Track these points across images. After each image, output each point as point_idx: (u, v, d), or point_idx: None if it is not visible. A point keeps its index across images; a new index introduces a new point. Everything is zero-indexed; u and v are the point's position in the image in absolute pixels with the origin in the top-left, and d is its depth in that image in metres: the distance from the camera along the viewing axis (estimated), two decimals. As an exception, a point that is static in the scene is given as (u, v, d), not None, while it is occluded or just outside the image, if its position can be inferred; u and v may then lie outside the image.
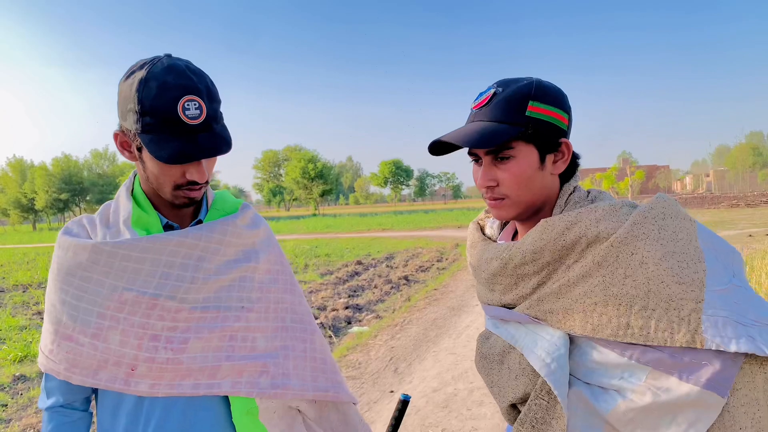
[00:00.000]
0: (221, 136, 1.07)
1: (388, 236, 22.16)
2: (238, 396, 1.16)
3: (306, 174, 73.48)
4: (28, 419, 4.03)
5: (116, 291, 1.09)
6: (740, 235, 15.15)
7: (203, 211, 1.26)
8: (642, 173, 42.59)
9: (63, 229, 1.21)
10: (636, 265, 0.87)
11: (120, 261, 1.09)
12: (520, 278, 1.00)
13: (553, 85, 1.02)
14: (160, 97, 1.01)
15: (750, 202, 35.91)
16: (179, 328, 1.11)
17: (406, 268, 11.40)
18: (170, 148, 1.02)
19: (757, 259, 8.09)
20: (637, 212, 0.91)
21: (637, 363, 0.86)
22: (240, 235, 1.22)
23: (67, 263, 1.12)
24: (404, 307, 7.58)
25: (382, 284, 9.39)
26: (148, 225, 1.17)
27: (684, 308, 0.84)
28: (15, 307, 8.70)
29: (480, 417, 3.67)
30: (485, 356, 1.09)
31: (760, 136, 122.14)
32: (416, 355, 5.28)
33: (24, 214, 77.01)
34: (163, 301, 1.10)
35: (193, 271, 1.13)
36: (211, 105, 1.06)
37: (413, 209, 77.30)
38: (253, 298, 1.21)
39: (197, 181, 1.10)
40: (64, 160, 75.76)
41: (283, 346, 1.25)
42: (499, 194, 1.01)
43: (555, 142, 1.00)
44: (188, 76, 1.04)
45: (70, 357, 1.10)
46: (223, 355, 1.14)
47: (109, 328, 1.08)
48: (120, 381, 1.09)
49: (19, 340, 6.31)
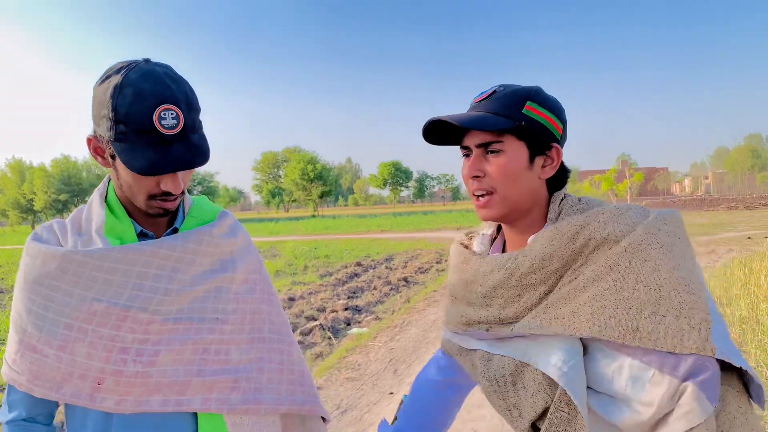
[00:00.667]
0: (198, 146, 1.03)
1: (388, 238, 22.15)
2: (208, 412, 1.12)
3: (305, 175, 73.49)
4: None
5: (85, 302, 1.05)
6: (739, 237, 15.16)
7: (179, 218, 1.21)
8: (641, 175, 42.66)
9: (32, 234, 1.16)
10: (649, 271, 0.87)
11: (90, 271, 1.05)
12: (525, 289, 0.99)
13: (552, 96, 1.05)
14: (135, 105, 0.97)
15: (749, 204, 35.93)
16: (150, 341, 1.07)
17: (405, 270, 11.39)
18: (144, 158, 0.98)
19: (756, 262, 8.09)
20: (653, 221, 0.92)
21: (641, 363, 0.86)
22: (217, 244, 1.18)
23: (35, 271, 1.08)
24: (404, 309, 7.59)
25: (381, 285, 9.39)
26: (122, 233, 1.13)
27: (695, 317, 0.84)
28: (14, 307, 8.68)
29: (479, 419, 3.66)
30: (496, 379, 1.05)
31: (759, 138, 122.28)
32: (416, 356, 5.27)
33: (23, 214, 76.87)
34: (134, 312, 1.06)
35: (167, 282, 1.09)
36: (189, 114, 1.01)
37: (412, 211, 77.28)
38: (229, 310, 1.18)
39: (172, 192, 1.06)
40: (63, 161, 75.68)
41: (258, 359, 1.21)
42: (486, 186, 1.02)
43: (546, 145, 1.02)
44: (166, 83, 1.00)
45: (34, 368, 1.06)
46: (194, 369, 1.10)
47: (76, 339, 1.04)
48: (85, 396, 1.05)
49: (18, 341, 6.29)
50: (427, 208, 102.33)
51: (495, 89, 1.04)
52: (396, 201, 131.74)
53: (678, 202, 39.69)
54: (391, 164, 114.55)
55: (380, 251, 15.73)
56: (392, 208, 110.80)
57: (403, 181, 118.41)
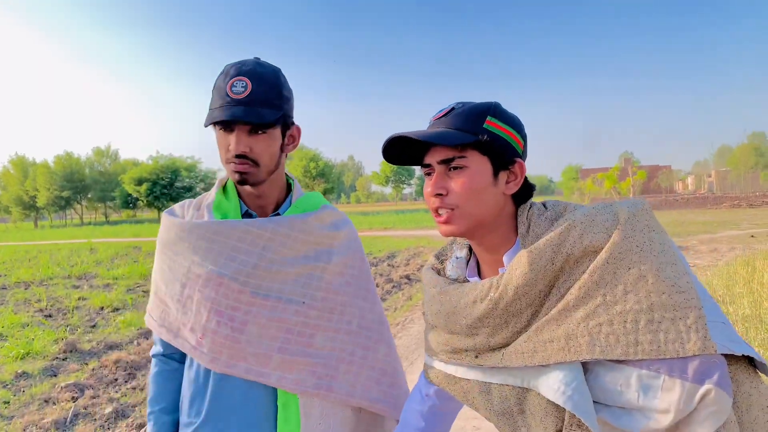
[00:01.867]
0: (258, 112, 1.16)
1: (390, 235, 22.14)
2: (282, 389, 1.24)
3: (307, 173, 73.40)
4: (31, 416, 4.04)
5: (194, 265, 1.23)
6: (742, 235, 15.12)
7: (285, 206, 1.34)
8: (644, 173, 42.57)
9: (168, 209, 1.38)
10: (635, 279, 0.86)
11: (197, 239, 1.23)
12: (512, 315, 0.97)
13: (511, 113, 1.04)
14: (221, 79, 1.20)
15: (752, 202, 35.82)
16: (241, 309, 1.21)
17: (407, 267, 11.39)
18: (211, 115, 1.17)
19: (759, 260, 8.08)
20: (626, 223, 0.90)
21: (649, 371, 0.85)
22: (311, 232, 1.29)
23: (163, 237, 1.31)
24: (406, 306, 7.60)
25: (383, 283, 9.42)
26: (227, 210, 1.29)
27: (689, 317, 0.83)
28: (17, 304, 8.71)
29: (481, 419, 3.66)
30: (503, 413, 1.02)
31: (762, 136, 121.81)
32: (418, 353, 5.28)
33: (26, 211, 76.98)
34: (228, 281, 1.20)
35: (257, 258, 1.22)
36: (259, 87, 1.17)
37: (415, 208, 77.22)
38: (318, 297, 1.27)
39: (235, 153, 1.18)
40: (66, 157, 75.68)
41: (341, 349, 1.29)
42: (448, 203, 1.00)
43: (509, 160, 1.00)
44: (250, 65, 1.20)
45: (162, 317, 1.30)
46: (276, 346, 1.22)
47: (188, 297, 1.23)
48: (189, 347, 1.24)
49: (21, 337, 6.31)
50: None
51: (453, 106, 1.03)
52: (398, 198, 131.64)
53: (681, 200, 39.57)
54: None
55: (382, 249, 15.72)
56: (394, 206, 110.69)
57: (406, 179, 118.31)
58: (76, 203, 79.03)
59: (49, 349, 5.82)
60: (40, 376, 5.00)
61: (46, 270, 12.78)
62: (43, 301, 8.84)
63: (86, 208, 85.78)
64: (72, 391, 4.50)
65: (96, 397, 4.41)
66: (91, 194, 79.63)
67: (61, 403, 4.31)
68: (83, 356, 5.60)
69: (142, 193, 65.31)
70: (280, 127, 1.25)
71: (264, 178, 1.24)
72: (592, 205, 0.97)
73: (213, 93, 1.21)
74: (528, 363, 0.95)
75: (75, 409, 4.14)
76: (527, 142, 1.06)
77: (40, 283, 11.12)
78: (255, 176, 1.22)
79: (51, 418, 3.97)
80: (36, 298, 9.15)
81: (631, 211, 0.92)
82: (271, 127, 1.21)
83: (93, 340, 6.22)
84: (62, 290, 9.94)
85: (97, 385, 4.67)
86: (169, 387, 1.35)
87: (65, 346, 5.74)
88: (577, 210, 0.98)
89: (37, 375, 5.04)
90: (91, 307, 8.21)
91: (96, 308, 8.14)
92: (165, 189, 65.92)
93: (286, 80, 1.26)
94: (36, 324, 7.15)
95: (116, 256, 16.49)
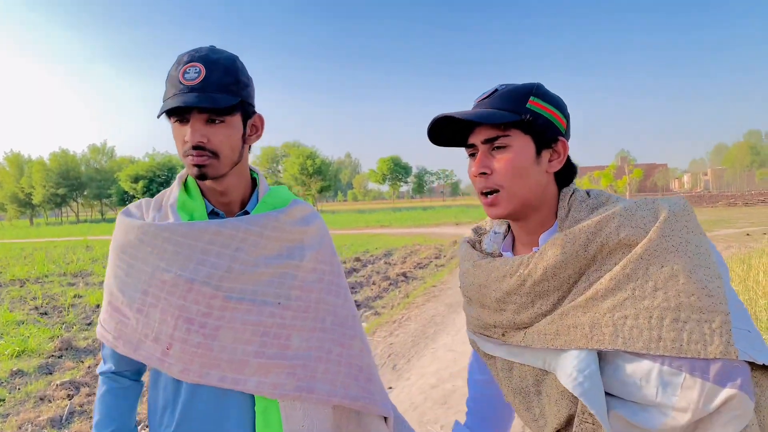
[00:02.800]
0: (211, 97, 1.09)
1: (387, 233, 22.15)
2: (261, 395, 1.18)
3: (304, 170, 73.30)
4: (26, 414, 4.02)
5: (158, 270, 1.15)
6: (738, 233, 15.18)
7: (252, 202, 1.28)
8: (640, 171, 42.66)
9: (124, 209, 1.29)
10: (666, 277, 0.87)
11: (162, 243, 1.15)
12: (538, 295, 0.98)
13: (555, 93, 1.05)
14: (173, 68, 1.13)
15: (748, 200, 35.96)
16: (213, 315, 1.14)
17: (404, 265, 11.40)
18: (164, 104, 1.11)
19: (755, 258, 8.10)
20: (665, 222, 0.90)
21: (670, 368, 0.85)
22: (283, 230, 1.24)
23: (120, 241, 1.21)
24: (402, 304, 7.59)
25: (380, 281, 9.42)
26: (193, 210, 1.22)
27: (715, 320, 0.83)
28: (12, 301, 8.67)
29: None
30: (520, 391, 1.05)
31: (758, 134, 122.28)
32: (415, 351, 5.28)
33: (21, 208, 76.71)
34: (198, 285, 1.13)
35: (230, 260, 1.16)
36: (213, 73, 1.11)
37: (411, 206, 77.29)
38: (292, 296, 1.22)
39: (192, 144, 1.12)
40: (62, 154, 75.42)
41: (317, 348, 1.24)
42: (492, 183, 1.01)
43: (552, 138, 1.01)
44: (204, 52, 1.14)
45: (119, 328, 1.19)
46: (252, 350, 1.16)
47: (151, 305, 1.15)
48: (156, 359, 1.15)
49: (17, 335, 6.29)
50: (426, 203, 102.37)
51: (497, 88, 1.04)
52: (395, 196, 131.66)
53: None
54: (390, 159, 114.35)
55: (379, 246, 15.73)
56: (391, 204, 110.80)
57: (403, 177, 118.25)
58: (71, 201, 78.81)
59: (45, 346, 5.80)
60: (35, 374, 4.98)
61: (41, 267, 12.76)
62: (39, 298, 8.81)
63: (82, 206, 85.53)
64: (68, 388, 4.48)
65: (92, 394, 4.39)
66: (87, 192, 79.37)
67: (56, 400, 4.29)
68: (79, 354, 5.59)
69: (138, 190, 65.16)
70: (240, 116, 1.18)
71: (225, 171, 1.17)
72: (634, 200, 0.98)
73: (166, 84, 1.14)
74: (549, 345, 0.96)
75: (71, 406, 4.12)
76: (570, 122, 1.07)
77: (36, 280, 11.09)
78: (215, 169, 1.15)
79: (47, 415, 3.96)
80: (31, 296, 9.12)
81: (672, 210, 0.92)
82: (229, 114, 1.14)
83: (89, 337, 6.20)
84: (58, 288, 9.92)
85: (92, 382, 4.65)
86: (119, 407, 1.25)
87: (61, 343, 5.72)
88: (618, 202, 0.98)
89: (32, 373, 5.03)
90: (86, 305, 8.19)
91: (92, 306, 8.12)
92: (161, 186, 65.65)
93: (243, 66, 1.19)
94: (31, 322, 7.12)
95: (112, 254, 16.42)
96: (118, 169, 73.75)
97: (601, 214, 0.95)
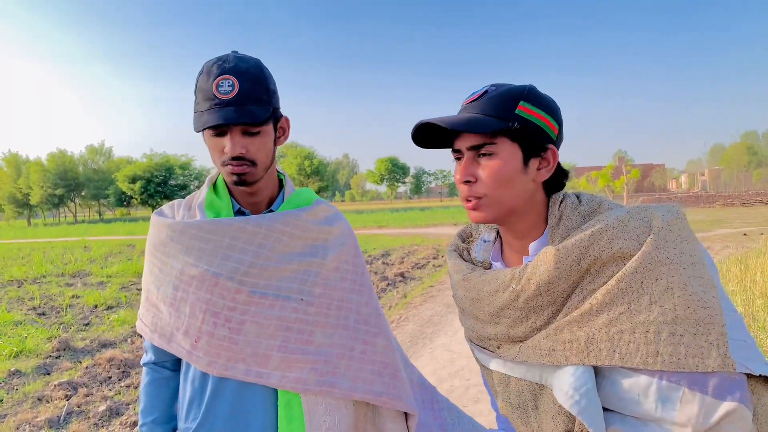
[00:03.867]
0: (249, 111, 1.14)
1: (384, 233, 22.14)
2: (283, 389, 1.21)
3: (302, 171, 73.24)
4: (24, 414, 4.02)
5: (187, 266, 1.20)
6: (735, 233, 15.21)
7: (278, 202, 1.32)
8: (637, 172, 42.60)
9: (157, 210, 1.35)
10: (661, 291, 0.85)
11: (189, 239, 1.21)
12: (532, 310, 0.96)
13: (547, 95, 1.00)
14: (203, 78, 1.16)
15: (745, 200, 36.03)
16: (238, 309, 1.19)
17: (402, 265, 11.40)
18: (201, 118, 1.14)
19: (752, 258, 8.12)
20: (659, 234, 0.88)
21: (669, 382, 0.84)
22: (306, 228, 1.27)
23: (154, 239, 1.28)
24: (400, 304, 7.59)
25: (378, 281, 9.42)
26: (220, 209, 1.28)
27: (712, 333, 0.83)
28: (10, 302, 8.66)
29: (476, 414, 3.67)
30: (518, 406, 1.03)
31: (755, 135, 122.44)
32: (412, 352, 5.28)
33: (19, 209, 76.48)
34: (223, 280, 1.18)
35: (253, 256, 1.20)
36: (246, 84, 1.14)
37: (409, 206, 77.24)
38: (315, 293, 1.25)
39: (232, 155, 1.16)
40: (59, 155, 75.21)
41: (340, 344, 1.27)
42: (476, 192, 0.98)
43: (541, 146, 0.97)
44: (232, 62, 1.16)
45: (154, 321, 1.26)
46: (276, 344, 1.20)
47: (181, 299, 1.21)
48: (185, 352, 1.21)
49: (14, 336, 6.28)
50: (424, 203, 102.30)
51: (486, 89, 0.99)
52: (393, 197, 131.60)
53: (674, 198, 39.74)
54: (388, 160, 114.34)
55: (377, 247, 15.73)
56: (389, 204, 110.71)
57: (400, 177, 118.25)
58: (69, 201, 78.58)
59: (43, 347, 5.79)
60: (33, 375, 4.98)
61: (39, 268, 12.72)
62: (37, 299, 8.80)
63: (80, 206, 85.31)
64: (65, 389, 4.48)
65: (90, 395, 4.39)
66: (84, 192, 79.20)
67: (54, 401, 4.29)
68: (77, 354, 5.58)
69: (136, 190, 65.00)
70: (272, 123, 1.23)
71: (261, 176, 1.23)
72: (626, 208, 0.95)
73: (197, 95, 1.18)
74: (545, 361, 0.94)
75: (68, 407, 4.12)
76: (563, 127, 1.02)
77: (34, 281, 11.07)
78: (253, 176, 1.20)
79: (44, 416, 3.96)
80: (29, 296, 9.11)
81: (666, 219, 0.90)
82: (264, 124, 1.19)
83: (86, 338, 6.20)
84: (56, 288, 9.90)
85: (90, 383, 4.66)
86: (161, 397, 1.32)
87: (58, 344, 5.72)
88: (611, 210, 0.96)
89: (30, 373, 5.02)
90: (84, 305, 8.18)
91: (90, 306, 8.11)
92: (159, 187, 65.62)
93: (269, 72, 1.23)
94: (29, 322, 7.11)
95: (110, 254, 16.43)
96: (116, 169, 73.53)
97: (593, 225, 0.93)
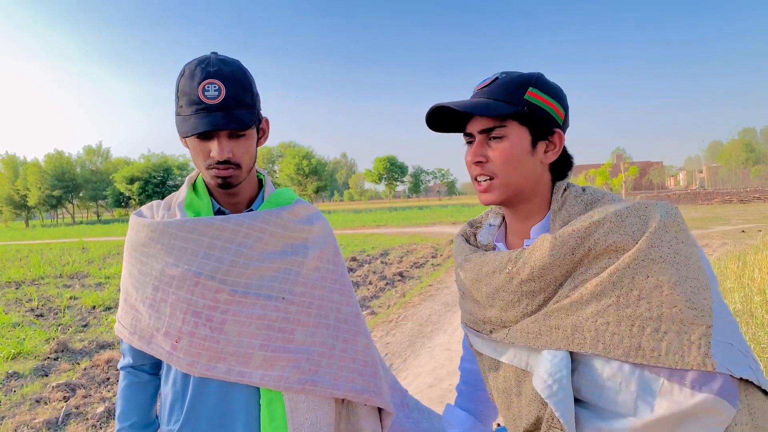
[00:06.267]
0: (237, 116, 1.13)
1: (383, 232, 22.13)
2: (265, 388, 1.21)
3: (300, 170, 73.25)
4: (22, 416, 4.01)
5: (167, 266, 1.19)
6: (733, 230, 15.23)
7: (258, 202, 1.32)
8: (636, 169, 42.59)
9: (136, 211, 1.34)
10: (651, 288, 0.87)
11: (169, 239, 1.20)
12: (525, 295, 0.99)
13: (554, 82, 1.06)
14: (187, 82, 1.14)
15: (743, 198, 36.09)
16: (219, 309, 1.18)
17: (400, 264, 11.39)
18: (188, 123, 1.13)
19: (750, 255, 8.12)
20: (655, 232, 0.90)
21: (649, 373, 0.86)
22: (286, 227, 1.27)
23: (132, 240, 1.27)
24: (399, 303, 7.58)
25: (376, 280, 9.42)
26: (199, 208, 1.27)
27: (695, 332, 0.84)
28: (8, 303, 8.64)
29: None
30: (504, 391, 1.06)
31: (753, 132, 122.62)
32: (411, 351, 5.28)
33: (16, 210, 76.36)
34: (204, 279, 1.18)
35: (234, 255, 1.20)
36: (232, 89, 1.14)
37: (408, 205, 77.27)
38: (296, 291, 1.26)
39: (219, 159, 1.16)
40: (57, 156, 75.05)
41: (321, 343, 1.28)
42: (487, 171, 1.03)
43: (548, 130, 1.03)
44: (216, 65, 1.15)
45: (133, 323, 1.25)
46: (257, 343, 1.19)
47: (161, 300, 1.20)
48: (165, 353, 1.20)
49: (12, 337, 6.26)
50: (423, 202, 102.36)
51: (497, 76, 1.05)
52: (391, 196, 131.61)
53: (672, 196, 39.77)
54: (386, 159, 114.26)
55: (376, 246, 15.72)
56: (388, 203, 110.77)
57: (399, 176, 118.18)
58: (67, 202, 78.45)
59: (41, 348, 5.78)
60: (31, 376, 4.96)
61: (37, 269, 12.69)
62: (35, 300, 8.78)
63: (78, 207, 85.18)
64: (63, 390, 4.47)
65: (88, 396, 4.38)
66: (82, 193, 79.08)
67: (52, 402, 4.28)
68: (75, 356, 5.57)
69: (134, 191, 64.99)
70: (255, 126, 1.23)
71: (245, 177, 1.23)
72: (627, 203, 0.97)
73: (179, 98, 1.16)
74: (530, 344, 0.97)
75: (67, 408, 4.11)
76: (569, 112, 1.08)
77: (32, 282, 11.04)
78: (237, 178, 1.21)
79: (42, 418, 3.95)
80: (27, 298, 9.09)
81: (663, 220, 0.91)
82: (249, 128, 1.18)
83: (84, 339, 6.19)
84: (53, 290, 9.88)
85: (88, 384, 4.64)
86: (139, 401, 1.32)
87: (57, 345, 5.70)
88: (612, 204, 0.98)
89: (28, 375, 5.01)
90: (82, 307, 8.16)
91: (88, 307, 8.09)
92: (157, 187, 65.60)
93: (250, 73, 1.23)
94: (27, 324, 7.09)
95: (108, 255, 16.40)
96: (114, 170, 73.51)
97: (591, 216, 0.95)
